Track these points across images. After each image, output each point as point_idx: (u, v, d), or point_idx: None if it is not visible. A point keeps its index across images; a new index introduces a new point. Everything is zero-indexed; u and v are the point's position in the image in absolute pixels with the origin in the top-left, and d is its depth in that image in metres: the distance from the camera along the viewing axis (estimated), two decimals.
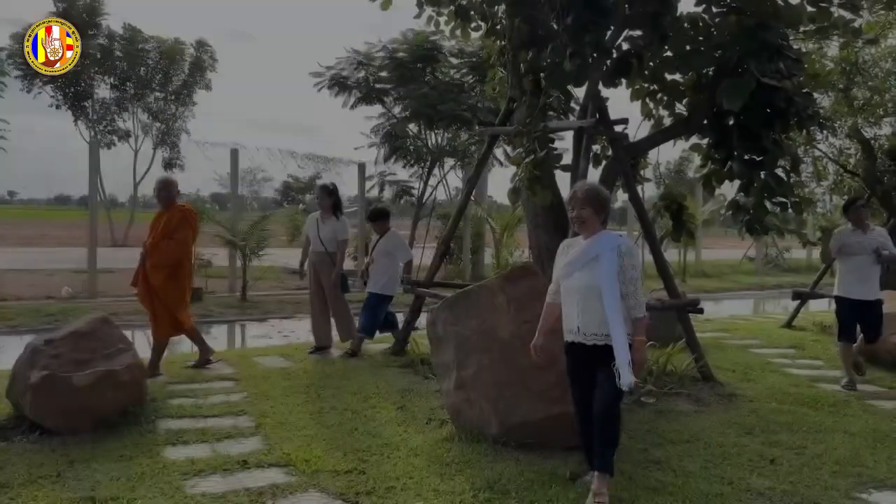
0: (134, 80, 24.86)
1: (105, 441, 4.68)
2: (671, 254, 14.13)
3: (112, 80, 24.78)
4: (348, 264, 16.44)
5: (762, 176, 6.55)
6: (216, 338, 10.48)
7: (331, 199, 7.90)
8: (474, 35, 7.67)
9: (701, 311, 7.05)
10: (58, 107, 24.42)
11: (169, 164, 26.24)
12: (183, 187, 7.74)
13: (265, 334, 10.37)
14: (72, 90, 24.24)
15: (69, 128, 26.02)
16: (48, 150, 16.57)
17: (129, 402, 5.09)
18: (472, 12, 7.24)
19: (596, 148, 7.06)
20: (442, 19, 7.58)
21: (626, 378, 3.70)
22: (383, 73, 14.24)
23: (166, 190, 6.97)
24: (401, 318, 8.70)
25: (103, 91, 25.04)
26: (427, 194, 15.89)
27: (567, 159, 6.43)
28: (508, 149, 13.22)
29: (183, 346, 9.74)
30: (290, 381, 6.47)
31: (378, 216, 8.22)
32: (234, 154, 14.08)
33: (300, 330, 10.45)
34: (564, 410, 4.64)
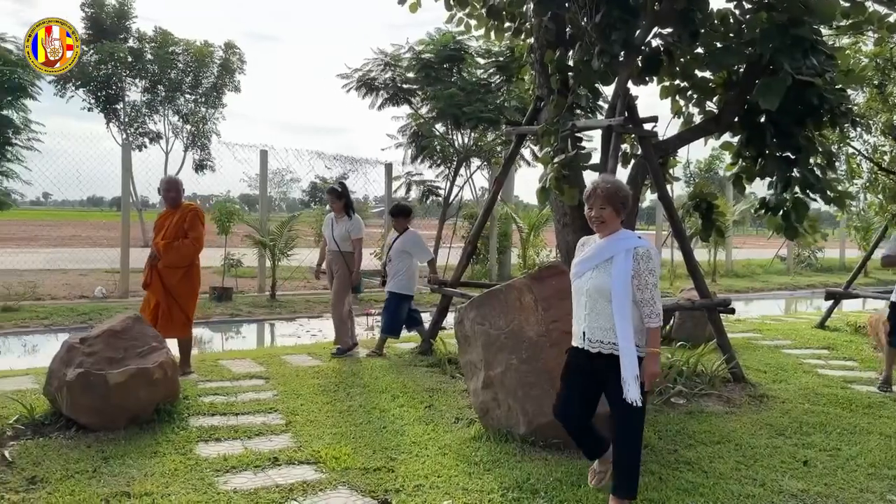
0: (164, 83, 25.19)
1: (139, 437, 4.77)
2: (701, 253, 13.99)
3: (143, 83, 25.14)
4: (374, 263, 16.56)
5: (796, 173, 6.46)
6: (245, 336, 10.61)
7: (340, 200, 7.82)
8: (505, 35, 7.68)
9: (732, 310, 6.97)
10: (90, 110, 24.82)
11: (200, 166, 26.55)
12: (213, 188, 7.85)
13: (294, 333, 10.46)
14: (104, 93, 24.62)
15: (101, 130, 26.50)
16: (81, 152, 16.82)
17: (162, 400, 5.16)
18: (504, 13, 7.24)
19: (625, 146, 7.02)
20: (472, 22, 7.61)
21: (632, 392, 3.48)
22: (410, 74, 14.30)
23: (175, 190, 6.93)
24: (428, 317, 8.73)
25: (134, 94, 25.41)
26: (453, 194, 15.91)
27: (595, 158, 6.39)
28: (536, 148, 13.22)
29: (210, 345, 9.88)
30: (319, 379, 6.52)
31: (399, 212, 8.13)
32: (264, 155, 14.21)
33: (328, 329, 10.51)
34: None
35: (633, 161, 6.98)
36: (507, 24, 7.57)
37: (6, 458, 4.31)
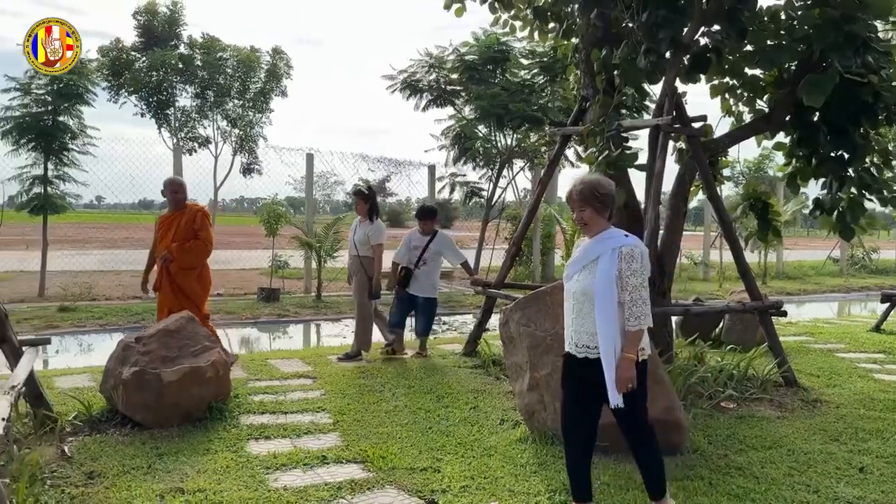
0: (213, 89, 25.72)
1: (191, 435, 4.88)
2: (751, 255, 13.67)
3: (193, 88, 25.71)
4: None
5: (851, 173, 6.30)
6: (292, 336, 10.77)
7: (366, 203, 7.61)
8: (550, 36, 7.66)
9: (784, 313, 6.82)
10: (142, 115, 25.48)
11: (247, 170, 27.03)
12: (261, 192, 7.91)
13: (339, 333, 10.57)
14: (155, 99, 25.25)
15: (153, 135, 27.19)
16: (133, 156, 17.27)
17: (214, 398, 5.28)
18: (549, 14, 7.22)
19: (681, 144, 6.93)
20: (517, 23, 7.61)
21: (612, 397, 3.35)
22: (454, 76, 14.35)
23: (183, 191, 6.94)
24: (472, 319, 8.75)
25: (184, 99, 26.00)
26: (496, 195, 15.90)
27: (643, 158, 6.33)
28: (580, 149, 13.12)
29: (258, 345, 10.05)
30: (365, 379, 6.59)
31: (427, 214, 7.90)
32: (309, 159, 14.41)
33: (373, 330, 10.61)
34: None
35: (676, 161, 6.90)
36: (551, 25, 7.55)
37: (66, 453, 4.46)
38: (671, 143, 6.76)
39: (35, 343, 5.07)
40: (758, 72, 6.84)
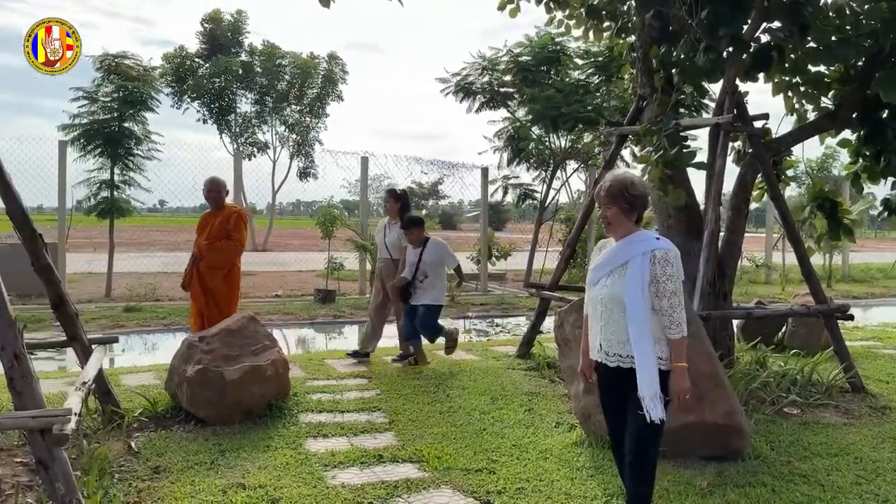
0: (272, 95, 26.31)
1: (252, 432, 5.00)
2: (815, 257, 13.32)
3: (253, 94, 26.35)
4: (469, 266, 16.63)
5: None
6: (347, 337, 10.90)
7: (397, 203, 7.47)
8: (605, 34, 7.60)
9: (850, 317, 6.60)
10: (204, 121, 26.26)
11: (304, 173, 27.57)
12: (316, 195, 7.94)
13: (394, 335, 10.60)
14: (217, 105, 25.99)
15: (214, 141, 27.94)
16: (194, 161, 17.81)
17: (274, 396, 5.40)
18: (605, 13, 7.16)
19: (736, 145, 6.79)
20: (571, 22, 7.57)
21: (655, 411, 3.12)
22: (507, 77, 14.33)
23: (217, 191, 6.95)
24: (526, 321, 8.71)
25: (245, 105, 26.68)
26: (550, 197, 15.80)
27: (703, 157, 6.21)
28: (636, 149, 12.94)
29: (315, 345, 10.21)
30: (420, 380, 6.63)
31: (415, 223, 7.24)
32: (364, 162, 14.58)
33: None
34: (701, 419, 4.50)
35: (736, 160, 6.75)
36: (606, 24, 7.48)
37: (132, 448, 4.62)
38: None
39: (103, 342, 5.26)
40: (822, 68, 6.63)
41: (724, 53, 5.96)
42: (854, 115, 6.47)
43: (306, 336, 10.82)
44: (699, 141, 7.70)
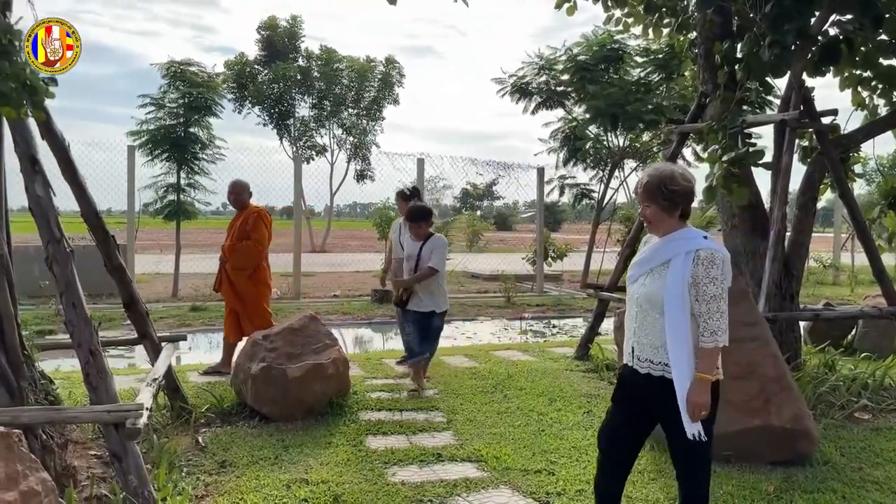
0: (330, 99, 26.72)
1: (314, 428, 5.10)
2: (886, 257, 12.81)
3: (311, 99, 26.82)
4: (525, 267, 16.56)
5: None
6: None
7: (407, 203, 7.06)
8: (665, 31, 7.48)
9: None
10: (264, 125, 26.87)
11: (361, 176, 27.90)
12: (373, 197, 7.88)
13: (449, 335, 10.67)
14: (276, 110, 26.54)
15: (274, 145, 28.56)
16: (255, 165, 18.19)
17: (335, 394, 5.49)
18: (664, 9, 7.05)
19: (803, 142, 6.60)
20: (630, 20, 7.48)
21: (688, 426, 2.85)
22: (564, 77, 14.24)
23: (237, 193, 7.12)
24: (583, 322, 8.63)
25: (303, 109, 27.18)
26: (607, 197, 15.62)
27: (768, 155, 6.05)
28: (698, 147, 12.69)
29: (372, 345, 10.33)
30: (477, 380, 6.64)
31: (420, 215, 6.29)
32: (420, 164, 14.67)
33: (482, 332, 10.69)
34: (767, 422, 4.40)
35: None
36: (666, 21, 7.36)
37: (199, 442, 4.77)
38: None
39: (172, 339, 5.42)
40: (894, 62, 6.39)
41: (791, 48, 5.80)
42: None
43: (364, 336, 10.95)
44: (763, 139, 7.50)
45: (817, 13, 5.91)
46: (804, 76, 6.06)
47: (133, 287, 4.88)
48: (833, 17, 6.07)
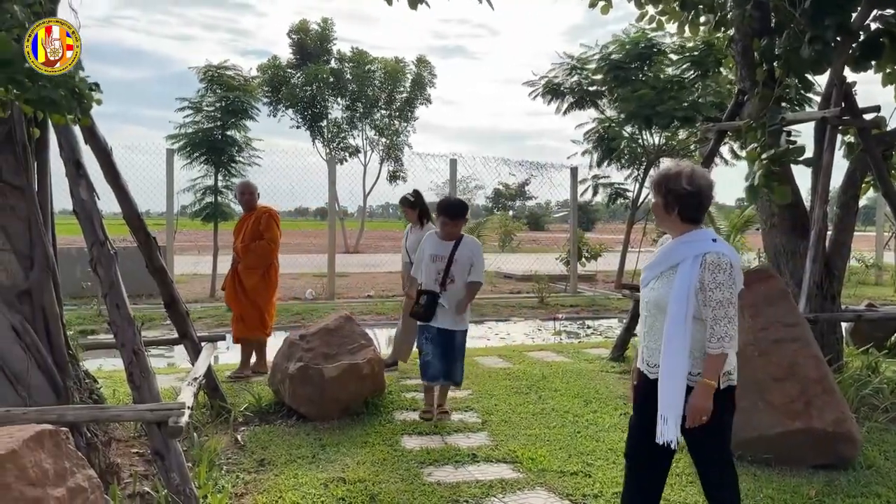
0: (362, 100, 26.90)
1: (350, 428, 5.15)
2: None
3: (343, 101, 27.03)
4: (558, 267, 16.47)
5: None
6: None
7: (414, 209, 7.04)
8: (702, 28, 7.39)
9: None
10: (298, 127, 27.16)
11: (393, 176, 28.03)
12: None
13: (483, 336, 10.68)
14: (309, 112, 26.80)
15: (307, 146, 28.83)
16: (289, 167, 18.41)
17: (370, 394, 5.54)
18: (701, 6, 6.96)
19: (846, 139, 6.47)
20: (664, 18, 7.40)
21: (667, 431, 2.82)
22: (597, 76, 14.13)
23: (248, 193, 7.15)
24: (618, 323, 8.56)
25: (336, 111, 27.40)
26: (643, 196, 15.46)
27: (808, 152, 5.94)
28: (735, 145, 12.50)
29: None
30: (511, 381, 6.63)
31: (456, 211, 5.45)
32: (453, 164, 14.69)
33: (516, 332, 10.66)
34: (808, 425, 4.32)
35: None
36: (702, 18, 7.27)
37: (239, 441, 4.84)
38: (838, 137, 6.31)
39: (211, 339, 5.51)
40: None
41: (831, 43, 5.69)
42: None
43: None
44: (802, 136, 7.37)
45: (858, 8, 5.79)
46: (845, 72, 5.94)
47: (174, 287, 4.97)
48: (875, 12, 5.93)
